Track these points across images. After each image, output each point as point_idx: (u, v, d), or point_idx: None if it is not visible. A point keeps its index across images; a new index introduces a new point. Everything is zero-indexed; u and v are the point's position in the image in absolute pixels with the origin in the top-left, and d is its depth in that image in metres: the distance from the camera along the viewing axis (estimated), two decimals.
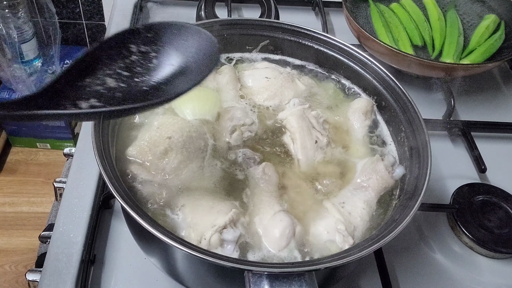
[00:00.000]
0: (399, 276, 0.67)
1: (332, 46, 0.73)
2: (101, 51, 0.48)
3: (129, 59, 0.49)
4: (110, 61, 0.48)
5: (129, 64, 0.49)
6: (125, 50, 0.49)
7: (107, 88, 0.47)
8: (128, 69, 0.49)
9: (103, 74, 0.48)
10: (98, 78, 0.47)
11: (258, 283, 0.45)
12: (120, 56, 0.49)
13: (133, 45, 0.50)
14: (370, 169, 0.62)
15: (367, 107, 0.70)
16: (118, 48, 0.49)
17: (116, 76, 0.48)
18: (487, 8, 1.08)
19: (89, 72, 0.47)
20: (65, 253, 0.64)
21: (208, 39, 0.51)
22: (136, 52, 0.50)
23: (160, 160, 0.59)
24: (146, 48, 0.50)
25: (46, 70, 1.91)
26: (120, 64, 0.49)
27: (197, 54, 0.51)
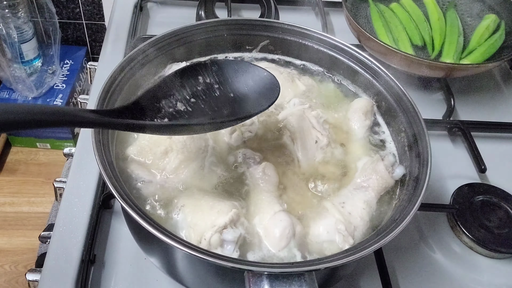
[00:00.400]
0: (399, 276, 0.67)
1: (332, 46, 0.73)
2: (175, 78, 0.58)
3: (196, 88, 0.59)
4: (182, 88, 0.58)
5: (196, 92, 0.58)
6: (194, 80, 0.59)
7: (177, 111, 0.56)
8: (195, 96, 0.58)
9: (175, 98, 0.57)
10: (171, 102, 0.57)
11: (258, 283, 0.45)
12: (189, 85, 0.58)
13: (201, 76, 0.59)
14: (370, 169, 0.62)
15: (367, 107, 0.70)
16: (188, 78, 0.59)
17: (185, 101, 0.57)
18: (487, 8, 1.08)
19: (164, 96, 0.57)
20: (65, 253, 0.64)
21: (267, 77, 0.59)
22: (202, 82, 0.59)
23: (160, 160, 0.59)
24: (210, 79, 0.59)
25: (46, 70, 1.91)
26: (188, 92, 0.58)
27: (255, 88, 0.59)
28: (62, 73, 1.95)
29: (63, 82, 1.93)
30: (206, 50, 0.75)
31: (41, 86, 1.86)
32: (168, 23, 1.11)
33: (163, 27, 0.69)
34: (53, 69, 1.91)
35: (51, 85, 1.89)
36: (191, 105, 0.58)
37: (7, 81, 1.82)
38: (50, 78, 1.90)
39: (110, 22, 1.08)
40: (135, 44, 0.97)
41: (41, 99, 1.85)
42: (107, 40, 1.02)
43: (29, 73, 1.85)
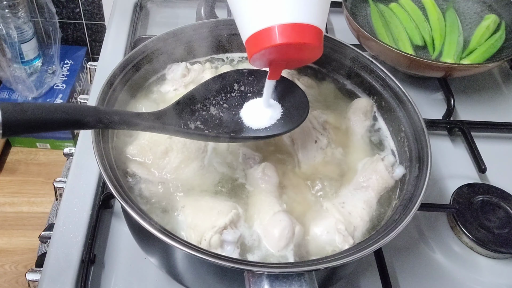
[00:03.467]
0: (399, 276, 0.67)
1: (332, 46, 0.73)
2: (214, 83, 0.60)
3: (230, 94, 0.60)
4: (217, 93, 0.60)
5: (229, 98, 0.60)
6: (229, 86, 0.60)
7: (210, 115, 0.58)
8: (227, 102, 0.60)
9: (209, 103, 0.59)
10: (205, 105, 0.58)
11: (258, 283, 0.45)
12: (224, 91, 0.60)
13: (236, 84, 0.61)
14: (370, 169, 0.62)
15: (367, 107, 0.70)
16: (224, 83, 0.60)
17: (218, 106, 0.59)
18: (487, 8, 1.08)
19: (199, 101, 0.58)
20: (65, 253, 0.64)
21: (300, 93, 0.60)
22: (237, 90, 0.61)
23: (160, 160, 0.59)
24: (245, 88, 0.61)
25: (46, 70, 1.91)
26: (223, 97, 0.60)
27: (287, 103, 0.60)
28: (62, 73, 1.95)
29: (63, 82, 1.93)
30: (206, 50, 0.75)
31: (41, 86, 1.86)
32: (168, 23, 1.11)
33: (163, 27, 0.70)
34: (53, 69, 1.91)
35: (51, 85, 1.89)
36: (223, 110, 0.59)
37: (7, 81, 1.82)
38: (50, 78, 1.90)
39: (110, 22, 1.08)
40: (135, 44, 0.97)
41: (41, 99, 1.85)
42: (107, 40, 1.02)
43: (29, 73, 1.85)
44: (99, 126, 0.47)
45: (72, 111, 0.44)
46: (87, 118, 0.45)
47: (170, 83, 0.70)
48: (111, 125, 0.48)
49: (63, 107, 0.43)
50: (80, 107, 0.46)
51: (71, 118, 0.44)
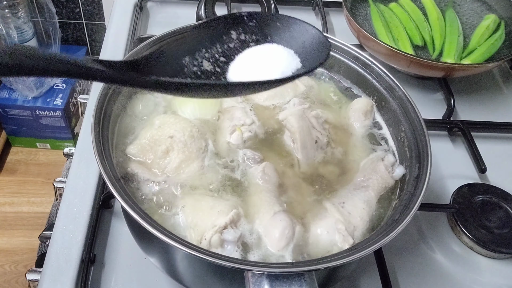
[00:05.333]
0: (399, 276, 0.67)
1: (332, 46, 0.73)
2: (202, 31, 0.48)
3: (227, 45, 0.49)
4: (210, 44, 0.48)
5: (227, 50, 0.49)
6: (226, 35, 0.49)
7: (203, 71, 0.47)
8: (225, 55, 0.49)
9: (201, 56, 0.48)
10: (196, 59, 0.47)
11: (258, 283, 0.45)
12: (220, 41, 0.49)
13: (234, 31, 0.49)
14: (370, 169, 0.62)
15: (367, 107, 0.70)
16: (219, 32, 0.49)
17: (213, 60, 0.48)
18: (487, 8, 1.08)
19: (188, 53, 0.47)
20: (65, 253, 0.64)
21: (315, 35, 0.49)
22: (236, 39, 0.49)
23: (161, 159, 0.59)
24: (246, 36, 0.50)
25: None
26: (218, 49, 0.49)
27: (300, 47, 0.49)
28: None
29: (63, 82, 1.93)
30: None
31: (41, 86, 1.86)
32: (168, 23, 1.11)
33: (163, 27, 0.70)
34: None
35: (51, 85, 1.90)
36: (220, 65, 0.48)
37: (7, 81, 1.83)
38: (50, 78, 1.90)
39: (110, 22, 1.08)
40: (135, 44, 0.97)
41: (41, 99, 1.85)
42: (107, 40, 1.02)
43: None
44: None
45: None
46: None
47: None
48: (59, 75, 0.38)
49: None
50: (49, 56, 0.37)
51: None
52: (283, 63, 0.48)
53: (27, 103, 1.84)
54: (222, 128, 0.65)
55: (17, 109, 1.85)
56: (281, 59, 0.48)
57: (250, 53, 0.50)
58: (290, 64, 0.48)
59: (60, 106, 1.85)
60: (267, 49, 0.49)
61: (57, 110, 1.85)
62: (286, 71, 0.47)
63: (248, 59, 0.49)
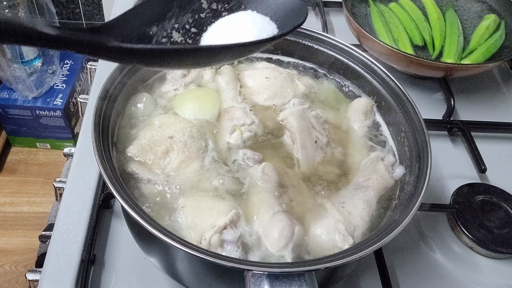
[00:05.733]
0: (399, 276, 0.67)
1: (332, 46, 0.73)
2: (166, 2, 0.44)
3: (198, 15, 0.46)
4: (180, 13, 0.44)
5: (198, 20, 0.46)
6: (196, 4, 0.46)
7: (173, 42, 0.44)
8: (196, 25, 0.45)
9: (170, 26, 0.44)
10: (165, 30, 0.44)
11: (258, 283, 0.45)
12: (190, 10, 0.45)
13: (204, 0, 0.46)
14: (370, 169, 0.62)
15: (367, 107, 0.70)
16: (187, 1, 0.45)
17: (183, 31, 0.45)
18: (487, 8, 1.08)
19: (156, 20, 0.43)
20: (65, 253, 0.64)
21: (294, 1, 0.46)
22: (207, 9, 0.46)
23: (161, 160, 0.59)
24: (217, 5, 0.47)
25: (46, 70, 1.91)
26: (189, 19, 0.45)
27: (276, 13, 0.46)
28: (62, 73, 1.95)
29: (63, 82, 1.93)
30: None
31: (41, 86, 1.86)
32: None
33: None
34: (53, 69, 1.91)
35: (51, 85, 1.90)
36: (191, 36, 0.45)
37: (7, 81, 1.82)
38: (50, 78, 1.90)
39: None
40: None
41: (41, 99, 1.85)
42: None
43: (29, 73, 1.85)
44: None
45: None
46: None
47: (170, 83, 0.70)
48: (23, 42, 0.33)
49: None
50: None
51: None
52: (257, 30, 0.45)
53: (27, 103, 1.84)
54: (222, 128, 0.65)
55: (17, 109, 1.85)
56: (255, 26, 0.45)
57: (223, 23, 0.47)
58: (265, 30, 0.46)
59: (60, 106, 1.85)
60: (241, 17, 0.47)
61: (57, 110, 1.85)
62: (261, 36, 0.45)
63: (221, 29, 0.46)
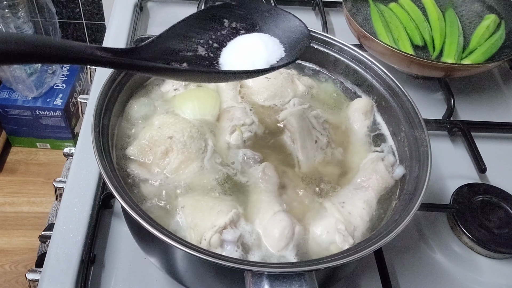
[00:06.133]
0: (399, 276, 0.67)
1: (332, 46, 0.73)
2: (198, 20, 0.53)
3: (220, 32, 0.54)
4: (204, 31, 0.53)
5: (219, 37, 0.54)
6: (218, 23, 0.54)
7: (198, 56, 0.52)
8: (218, 41, 0.54)
9: (196, 42, 0.53)
10: (191, 45, 0.52)
11: (258, 283, 0.45)
12: (212, 28, 0.54)
13: (226, 20, 0.55)
14: (370, 169, 0.62)
15: (367, 107, 0.70)
16: (211, 20, 0.54)
17: (207, 46, 0.53)
18: (487, 8, 1.08)
19: (184, 38, 0.52)
20: (65, 253, 0.64)
21: (298, 26, 0.54)
22: (228, 27, 0.55)
23: (161, 160, 0.59)
24: (237, 24, 0.55)
25: (46, 70, 1.91)
26: (211, 36, 0.54)
27: (285, 37, 0.54)
28: (62, 73, 1.95)
29: (63, 82, 1.93)
30: None
31: (41, 86, 1.86)
32: (168, 23, 1.10)
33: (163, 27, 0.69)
34: (53, 69, 1.91)
35: (51, 85, 1.90)
36: (213, 51, 0.53)
37: (7, 81, 1.82)
38: (50, 78, 1.90)
39: (110, 22, 1.08)
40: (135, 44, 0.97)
41: (41, 99, 1.85)
42: (107, 40, 1.02)
43: (29, 73, 1.85)
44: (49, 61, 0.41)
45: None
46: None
47: (170, 83, 0.70)
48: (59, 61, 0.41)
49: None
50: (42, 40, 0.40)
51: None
52: (269, 52, 0.53)
53: (27, 103, 1.84)
54: (222, 128, 0.65)
55: (17, 109, 1.85)
56: (267, 48, 0.53)
57: (240, 40, 0.54)
58: (275, 52, 0.53)
59: (60, 106, 1.85)
60: (255, 37, 0.54)
61: (57, 110, 1.85)
62: (271, 59, 0.52)
63: (238, 46, 0.54)
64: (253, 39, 0.54)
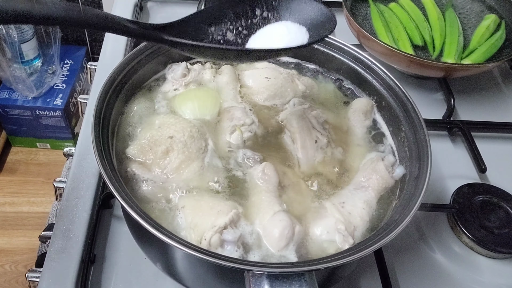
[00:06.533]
0: (399, 276, 0.67)
1: (332, 46, 0.73)
2: (231, 6, 0.56)
3: (251, 20, 0.57)
4: (236, 17, 0.56)
5: (250, 24, 0.57)
6: (251, 11, 0.57)
7: (226, 40, 0.56)
8: (248, 28, 0.57)
9: (226, 27, 0.56)
10: (221, 30, 0.56)
11: (258, 283, 0.45)
12: (244, 16, 0.57)
13: (258, 9, 0.57)
14: (370, 169, 0.62)
15: (367, 107, 0.70)
16: (245, 7, 0.57)
17: (236, 32, 0.56)
18: (487, 8, 1.08)
19: (216, 21, 0.55)
20: (65, 253, 0.64)
21: (326, 13, 0.56)
22: (259, 16, 0.57)
23: (161, 160, 0.59)
24: (268, 14, 0.57)
25: (46, 70, 1.90)
26: (242, 23, 0.57)
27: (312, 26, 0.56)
28: (62, 73, 1.95)
29: (63, 82, 1.93)
30: None
31: (41, 86, 1.85)
32: None
33: None
34: (53, 69, 1.91)
35: (51, 85, 1.89)
36: (242, 37, 0.56)
37: (7, 81, 1.82)
38: (50, 78, 1.89)
39: None
40: (135, 44, 0.97)
41: (41, 99, 1.85)
42: (107, 40, 1.02)
43: (29, 73, 1.85)
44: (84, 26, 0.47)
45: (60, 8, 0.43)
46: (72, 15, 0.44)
47: (170, 83, 0.70)
48: (93, 27, 0.47)
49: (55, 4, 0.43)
50: (66, 6, 0.44)
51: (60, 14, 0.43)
52: (296, 39, 0.55)
53: (27, 103, 1.84)
54: (222, 128, 0.65)
55: (17, 109, 1.85)
56: (294, 35, 0.55)
57: (269, 29, 0.57)
58: (297, 38, 0.55)
59: (60, 106, 1.85)
60: (283, 26, 0.57)
61: (57, 110, 1.85)
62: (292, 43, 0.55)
63: (267, 34, 0.57)
64: (280, 27, 0.57)
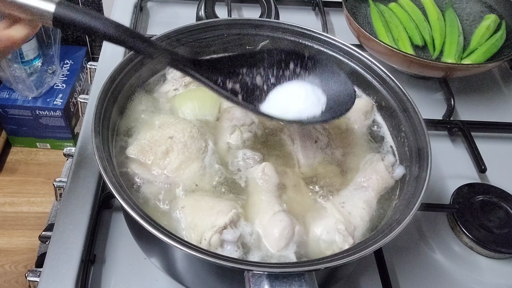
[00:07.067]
0: (399, 276, 0.67)
1: (332, 46, 0.73)
2: (270, 55, 0.58)
3: (282, 71, 0.59)
4: (269, 65, 0.58)
5: (279, 75, 0.59)
6: (284, 63, 0.59)
7: (253, 84, 0.57)
8: (276, 78, 0.59)
9: (257, 72, 0.58)
10: (252, 72, 0.58)
11: (258, 283, 0.45)
12: (277, 66, 0.59)
13: (293, 64, 0.59)
14: (370, 169, 0.62)
15: (367, 107, 0.70)
16: (280, 59, 0.59)
17: (265, 79, 0.58)
18: (487, 8, 1.08)
19: (248, 65, 0.58)
20: (65, 253, 0.64)
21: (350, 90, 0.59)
22: (292, 70, 0.59)
23: (161, 160, 0.59)
24: (300, 71, 0.59)
25: (46, 70, 1.90)
26: (273, 72, 0.59)
27: (333, 95, 0.59)
28: (62, 73, 1.95)
29: (63, 82, 1.93)
30: (206, 50, 0.75)
31: (41, 86, 1.85)
32: (168, 23, 1.11)
33: (163, 27, 0.69)
34: (53, 69, 1.91)
35: (51, 85, 1.89)
36: (269, 85, 0.58)
37: (7, 81, 1.82)
38: (50, 78, 1.89)
39: None
40: None
41: (41, 99, 1.85)
42: None
43: (29, 73, 1.85)
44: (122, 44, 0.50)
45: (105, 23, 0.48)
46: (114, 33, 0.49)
47: (170, 83, 0.70)
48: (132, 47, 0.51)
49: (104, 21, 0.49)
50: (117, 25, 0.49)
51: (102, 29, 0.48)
52: (312, 106, 0.57)
53: (27, 103, 1.84)
54: (222, 128, 0.65)
55: (17, 109, 1.85)
56: (311, 102, 0.57)
57: (295, 85, 0.59)
58: (316, 108, 0.57)
59: (60, 106, 1.85)
60: (306, 88, 0.58)
61: (57, 110, 1.85)
62: (310, 114, 0.57)
63: (291, 90, 0.58)
64: (304, 89, 0.58)
